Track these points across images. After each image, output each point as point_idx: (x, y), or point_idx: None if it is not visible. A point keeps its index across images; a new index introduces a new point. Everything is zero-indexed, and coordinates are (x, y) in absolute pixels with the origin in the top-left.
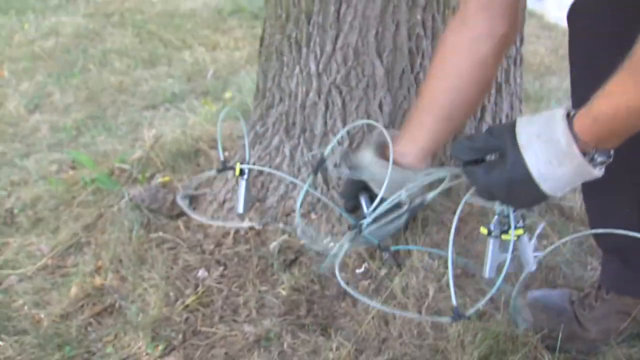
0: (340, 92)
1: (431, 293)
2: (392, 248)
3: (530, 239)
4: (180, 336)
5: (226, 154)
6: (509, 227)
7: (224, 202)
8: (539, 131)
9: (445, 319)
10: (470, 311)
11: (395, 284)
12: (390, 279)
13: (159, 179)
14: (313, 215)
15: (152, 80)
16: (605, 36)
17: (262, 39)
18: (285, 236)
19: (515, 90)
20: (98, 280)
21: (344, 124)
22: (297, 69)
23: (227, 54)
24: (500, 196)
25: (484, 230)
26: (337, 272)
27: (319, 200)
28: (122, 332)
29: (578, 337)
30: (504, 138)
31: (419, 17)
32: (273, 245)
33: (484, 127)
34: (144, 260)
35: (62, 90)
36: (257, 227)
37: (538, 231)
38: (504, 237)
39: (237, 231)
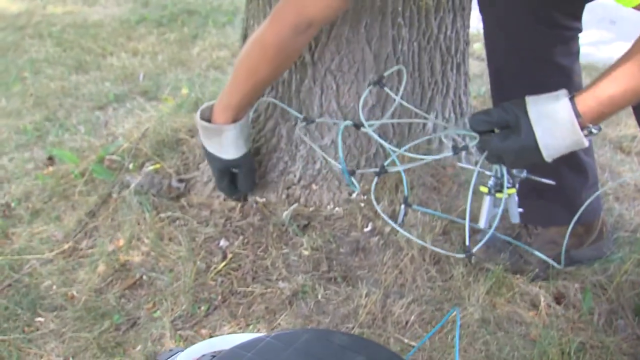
0: (334, 77)
1: (429, 243)
2: (414, 207)
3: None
4: (220, 297)
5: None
6: (501, 188)
7: None
8: (546, 110)
9: (460, 255)
10: (476, 248)
11: (399, 237)
12: (395, 234)
13: (150, 167)
14: (314, 186)
15: (90, 84)
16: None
17: (244, 36)
18: (295, 205)
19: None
20: (122, 258)
21: (338, 104)
22: None
23: (150, 58)
24: (508, 160)
25: (484, 189)
26: None
27: (319, 171)
28: (163, 299)
29: (524, 269)
30: (516, 114)
31: (399, 7)
32: (285, 213)
33: (449, 102)
34: (161, 237)
35: (7, 97)
36: (260, 200)
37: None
38: (497, 195)
39: (242, 205)
